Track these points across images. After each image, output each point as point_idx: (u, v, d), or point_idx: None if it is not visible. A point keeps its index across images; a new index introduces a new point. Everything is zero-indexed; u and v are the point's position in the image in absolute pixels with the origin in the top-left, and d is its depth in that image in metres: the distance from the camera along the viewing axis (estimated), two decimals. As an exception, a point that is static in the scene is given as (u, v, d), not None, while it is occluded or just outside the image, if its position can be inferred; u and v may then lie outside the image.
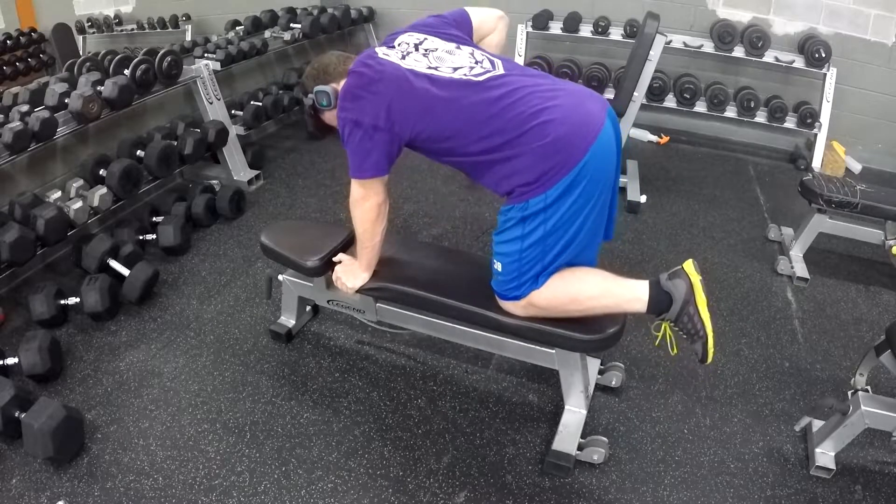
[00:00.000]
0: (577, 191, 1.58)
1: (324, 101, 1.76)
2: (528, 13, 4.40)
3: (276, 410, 2.14)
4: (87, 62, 3.34)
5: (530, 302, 1.74)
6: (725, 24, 4.06)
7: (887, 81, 3.97)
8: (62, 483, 1.87)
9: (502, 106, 1.59)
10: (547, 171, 1.57)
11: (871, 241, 2.85)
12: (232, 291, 2.76)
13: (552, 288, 1.71)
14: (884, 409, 1.77)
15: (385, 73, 1.63)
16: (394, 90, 1.61)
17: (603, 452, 1.90)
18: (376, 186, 1.74)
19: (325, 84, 1.75)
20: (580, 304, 1.73)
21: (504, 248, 1.71)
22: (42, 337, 2.19)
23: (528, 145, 1.57)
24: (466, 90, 1.62)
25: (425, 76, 1.64)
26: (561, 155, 1.56)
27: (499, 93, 1.60)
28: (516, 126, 1.57)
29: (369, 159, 1.67)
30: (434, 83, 1.63)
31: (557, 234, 1.64)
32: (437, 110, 1.62)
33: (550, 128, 1.56)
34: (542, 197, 1.59)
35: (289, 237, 2.27)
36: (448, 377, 2.29)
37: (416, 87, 1.62)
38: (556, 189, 1.57)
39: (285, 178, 3.84)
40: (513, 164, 1.60)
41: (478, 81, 1.63)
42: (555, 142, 1.55)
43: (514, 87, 1.62)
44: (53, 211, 2.53)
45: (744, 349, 2.44)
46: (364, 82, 1.63)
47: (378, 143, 1.65)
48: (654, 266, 2.96)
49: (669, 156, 4.25)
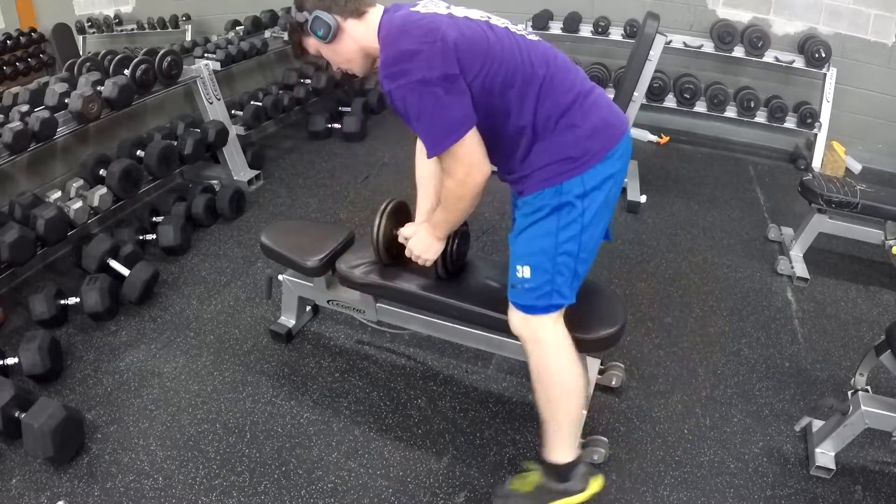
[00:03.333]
0: (610, 181, 1.49)
1: (319, 31, 1.48)
2: (528, 13, 4.40)
3: (276, 410, 2.14)
4: (87, 62, 3.34)
5: (539, 331, 1.55)
6: (725, 24, 4.06)
7: (887, 81, 3.97)
8: (62, 483, 1.87)
9: (556, 69, 1.46)
10: (590, 150, 1.45)
11: (871, 241, 2.85)
12: (232, 291, 2.76)
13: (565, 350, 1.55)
14: (884, 409, 1.77)
15: (437, 19, 1.40)
16: (453, 32, 1.37)
17: (603, 452, 1.90)
18: (476, 149, 1.44)
19: (328, 11, 1.47)
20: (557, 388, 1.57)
21: (534, 245, 1.50)
22: (42, 337, 2.19)
23: (588, 115, 1.46)
24: (525, 43, 1.47)
25: (484, 22, 1.47)
26: (603, 136, 1.48)
27: (552, 56, 1.49)
28: (566, 91, 1.46)
29: (456, 114, 1.38)
30: (493, 30, 1.45)
31: (591, 231, 1.50)
32: (500, 58, 1.41)
33: (602, 102, 1.50)
34: (578, 180, 1.45)
35: (289, 237, 2.27)
36: (448, 377, 2.29)
37: (477, 29, 1.42)
38: (595, 172, 1.46)
39: (285, 178, 3.84)
40: (565, 134, 1.46)
41: (531, 39, 1.51)
42: (605, 120, 1.49)
43: (567, 61, 1.54)
44: (53, 211, 2.53)
45: (744, 349, 2.44)
46: (417, 35, 1.36)
47: (458, 93, 1.38)
48: (653, 266, 2.96)
49: (669, 156, 4.25)
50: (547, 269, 1.50)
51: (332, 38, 1.49)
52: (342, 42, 1.50)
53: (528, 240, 1.52)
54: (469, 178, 1.46)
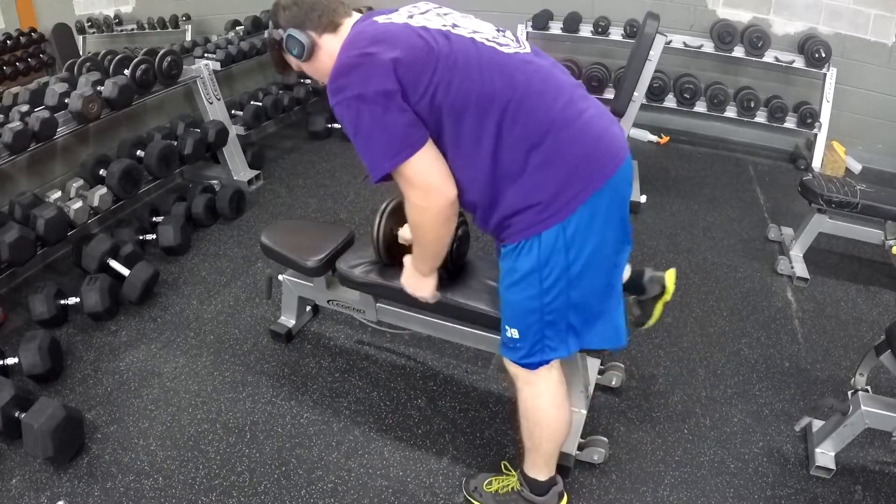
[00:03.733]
0: (600, 223, 1.32)
1: (294, 50, 1.38)
2: (528, 13, 4.40)
3: (276, 410, 2.14)
4: (87, 62, 3.34)
5: (532, 377, 1.52)
6: (725, 24, 4.05)
7: (887, 81, 3.97)
8: (62, 483, 1.87)
9: (526, 92, 1.27)
10: (567, 193, 1.28)
11: (871, 241, 2.85)
12: (232, 291, 2.76)
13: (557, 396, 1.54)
14: (884, 409, 1.77)
15: (388, 32, 1.27)
16: (400, 47, 1.24)
17: (603, 452, 1.90)
18: (429, 170, 1.29)
19: (301, 29, 1.36)
20: (542, 430, 1.58)
21: (518, 307, 1.41)
22: (42, 337, 2.19)
23: (565, 149, 1.27)
24: (492, 58, 1.29)
25: (439, 32, 1.29)
26: (583, 175, 1.29)
27: (526, 76, 1.29)
28: (539, 121, 1.27)
29: (396, 133, 1.25)
30: (451, 41, 1.28)
31: (582, 285, 1.36)
32: (452, 74, 1.25)
33: (589, 130, 1.30)
34: (557, 229, 1.30)
35: (289, 237, 2.27)
36: (448, 377, 2.28)
37: (428, 41, 1.26)
38: (578, 218, 1.29)
39: (285, 178, 3.84)
40: (536, 174, 1.28)
41: (505, 53, 1.31)
42: (588, 154, 1.29)
43: (548, 73, 1.33)
44: (53, 211, 2.53)
45: (744, 349, 2.44)
46: (358, 49, 1.26)
47: (399, 109, 1.24)
48: (653, 266, 2.93)
49: (669, 156, 4.25)
50: (536, 331, 1.42)
51: (308, 56, 1.38)
52: (318, 58, 1.40)
53: (513, 301, 1.42)
54: (428, 202, 1.32)
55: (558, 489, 1.72)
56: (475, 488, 1.82)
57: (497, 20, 1.50)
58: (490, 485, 1.80)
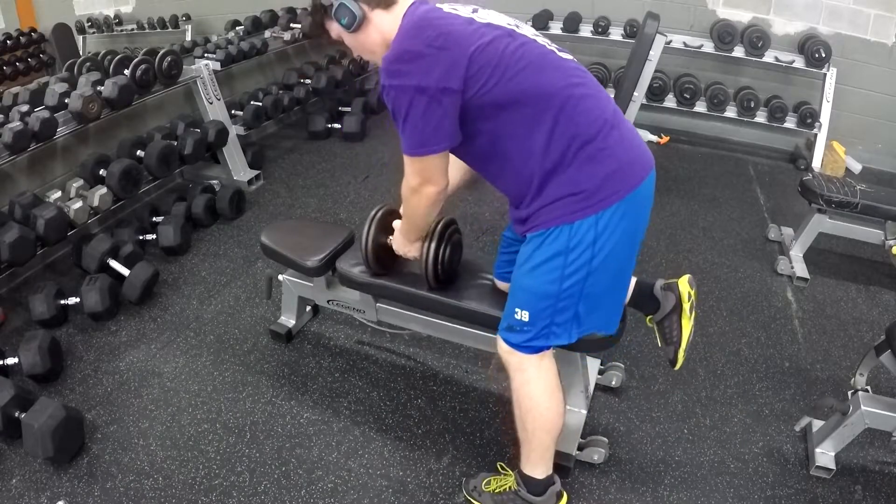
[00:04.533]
0: (625, 225, 1.39)
1: (344, 19, 1.40)
2: (528, 13, 4.40)
3: (276, 410, 2.14)
4: (87, 62, 3.34)
5: (524, 363, 1.55)
6: (725, 24, 4.06)
7: (887, 81, 3.97)
8: (62, 483, 1.87)
9: (583, 93, 1.36)
10: (609, 187, 1.35)
11: (871, 241, 2.85)
12: (232, 291, 2.76)
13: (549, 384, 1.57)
14: (884, 409, 1.77)
15: (454, 24, 1.32)
16: (471, 41, 1.29)
17: (603, 452, 1.90)
18: (440, 167, 1.41)
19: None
20: (535, 419, 1.59)
21: (536, 289, 1.44)
22: (42, 337, 2.19)
23: (613, 148, 1.36)
24: (552, 58, 1.37)
25: (507, 31, 1.35)
26: (626, 174, 1.37)
27: (580, 80, 1.38)
28: (592, 121, 1.35)
29: (441, 128, 1.33)
30: (514, 39, 1.34)
31: (597, 277, 1.41)
32: (516, 69, 1.32)
33: (630, 137, 1.41)
34: (591, 220, 1.35)
35: (289, 237, 2.27)
36: (448, 377, 2.29)
37: (496, 40, 1.32)
38: (611, 214, 1.36)
39: (285, 178, 3.84)
40: (584, 167, 1.35)
41: (562, 57, 1.40)
42: (630, 157, 1.39)
43: (596, 83, 1.43)
44: (53, 211, 2.53)
45: (744, 349, 2.44)
46: (426, 38, 1.29)
47: (448, 109, 1.32)
48: (653, 266, 2.96)
49: (669, 156, 4.25)
50: (546, 316, 1.46)
51: (357, 28, 1.42)
52: (366, 32, 1.43)
53: (531, 285, 1.45)
54: (423, 188, 1.46)
55: (556, 489, 1.70)
56: (474, 488, 1.82)
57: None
58: (488, 484, 1.80)
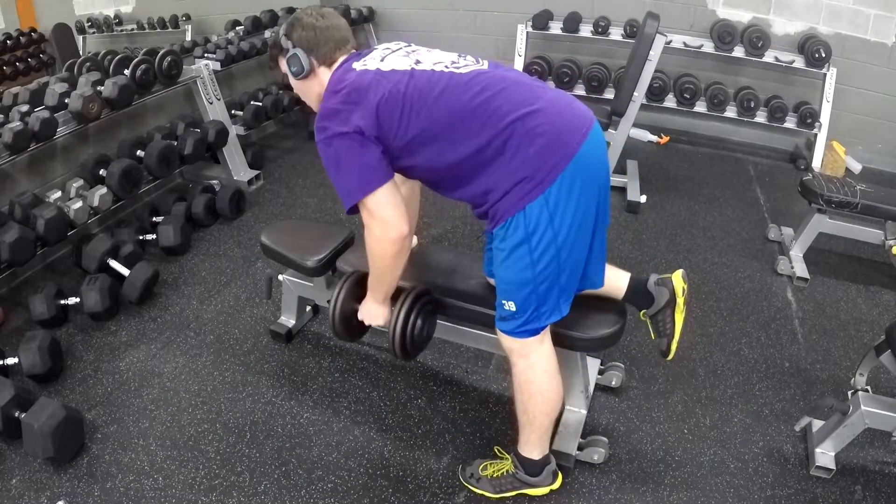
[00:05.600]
0: (578, 189, 1.43)
1: (293, 67, 1.55)
2: (528, 13, 4.39)
3: (276, 410, 2.14)
4: (87, 62, 3.34)
5: (525, 348, 1.62)
6: (725, 24, 4.05)
7: (887, 81, 3.97)
8: (62, 483, 1.87)
9: (485, 97, 1.43)
10: (545, 164, 1.41)
11: (871, 241, 2.85)
12: (232, 291, 2.76)
13: (549, 367, 1.64)
14: (884, 409, 1.77)
15: (362, 81, 1.46)
16: (376, 94, 1.44)
17: (603, 452, 1.90)
18: (389, 204, 1.49)
19: (308, 54, 1.54)
20: (537, 402, 1.66)
21: (514, 279, 1.52)
22: (42, 337, 2.19)
23: (535, 130, 1.41)
24: (449, 82, 1.46)
25: (406, 73, 1.47)
26: (558, 146, 1.42)
27: (481, 86, 1.45)
28: (502, 116, 1.42)
29: (367, 168, 1.46)
30: (414, 77, 1.46)
31: (569, 249, 1.48)
32: (419, 105, 1.44)
33: (552, 110, 1.44)
34: (541, 200, 1.42)
35: (289, 237, 2.27)
36: (448, 377, 2.29)
37: (398, 85, 1.45)
38: (558, 187, 1.41)
39: (285, 178, 3.84)
40: (505, 161, 1.43)
41: (460, 73, 1.48)
42: (557, 130, 1.42)
43: (503, 76, 1.49)
44: (53, 211, 2.53)
45: (744, 349, 2.44)
46: (340, 97, 1.46)
47: (371, 147, 1.45)
48: (654, 266, 2.96)
49: (669, 156, 4.25)
50: (531, 300, 1.53)
51: (303, 78, 1.57)
52: (309, 82, 1.59)
53: (507, 277, 1.53)
54: (385, 234, 1.51)
55: (552, 468, 1.79)
56: (471, 475, 1.85)
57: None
58: (485, 469, 1.84)
